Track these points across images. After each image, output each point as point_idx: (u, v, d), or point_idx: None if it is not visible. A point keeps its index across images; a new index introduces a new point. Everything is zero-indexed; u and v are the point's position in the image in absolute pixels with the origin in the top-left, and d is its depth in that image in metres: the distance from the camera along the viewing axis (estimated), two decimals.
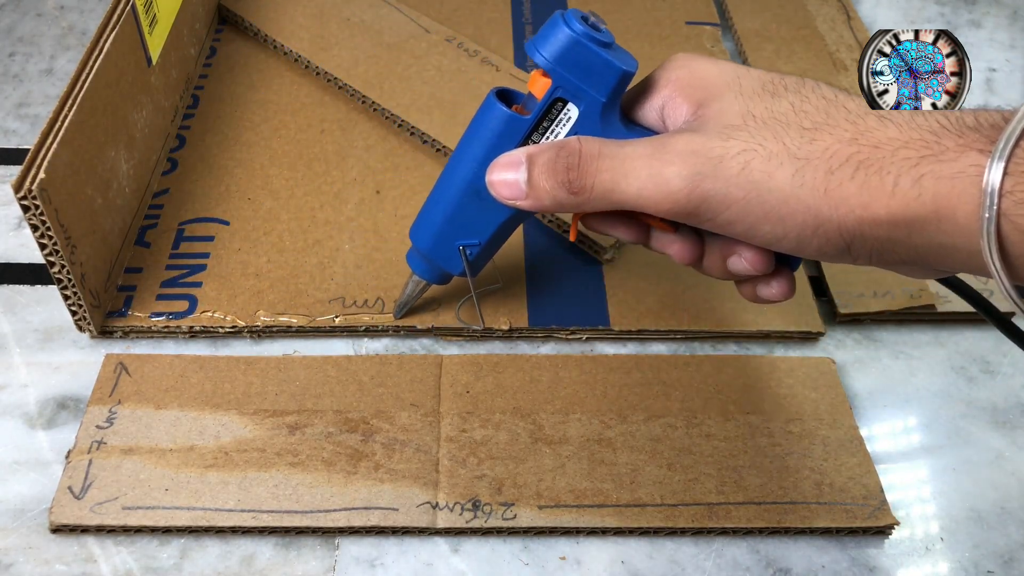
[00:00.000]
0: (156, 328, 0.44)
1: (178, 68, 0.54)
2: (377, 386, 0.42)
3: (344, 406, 0.41)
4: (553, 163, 0.33)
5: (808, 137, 0.29)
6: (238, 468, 0.38)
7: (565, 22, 0.34)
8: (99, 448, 0.39)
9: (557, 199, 0.33)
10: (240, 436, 0.39)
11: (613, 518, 0.37)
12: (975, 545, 0.38)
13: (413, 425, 0.40)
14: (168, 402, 0.41)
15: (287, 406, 0.41)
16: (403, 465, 0.39)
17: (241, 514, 0.37)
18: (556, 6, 0.65)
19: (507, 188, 0.35)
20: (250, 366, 0.42)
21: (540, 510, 0.38)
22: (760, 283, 0.35)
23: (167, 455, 0.39)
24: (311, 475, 0.38)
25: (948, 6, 0.71)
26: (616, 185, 0.32)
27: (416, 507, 0.37)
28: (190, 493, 0.37)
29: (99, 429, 0.39)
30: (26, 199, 0.37)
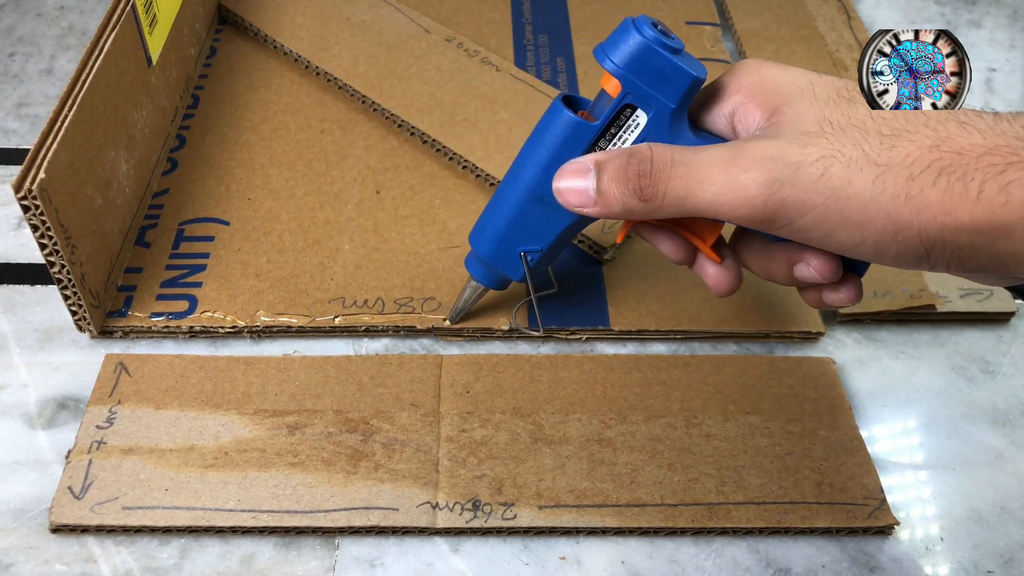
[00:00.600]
0: (156, 328, 0.44)
1: (178, 68, 0.54)
2: (377, 386, 0.42)
3: (344, 406, 0.41)
4: (624, 170, 0.33)
5: (888, 144, 0.29)
6: (238, 468, 0.38)
7: (636, 28, 0.33)
8: (99, 448, 0.39)
9: (627, 206, 0.33)
10: (240, 436, 0.39)
11: (613, 518, 0.37)
12: (975, 545, 0.38)
13: (413, 425, 0.40)
14: (168, 402, 0.41)
15: (287, 406, 0.41)
16: (403, 465, 0.39)
17: (241, 514, 0.37)
18: (556, 6, 0.65)
19: (575, 195, 0.35)
20: (250, 366, 0.42)
21: (540, 510, 0.38)
22: (827, 289, 0.35)
23: (167, 455, 0.39)
24: (311, 475, 0.38)
25: (948, 6, 0.71)
26: (690, 192, 0.32)
27: (416, 507, 0.37)
28: (190, 493, 0.37)
29: (99, 429, 0.39)
30: (26, 199, 0.37)
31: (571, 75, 0.59)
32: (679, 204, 0.32)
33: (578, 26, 0.64)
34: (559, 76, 0.59)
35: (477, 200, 0.51)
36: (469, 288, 0.43)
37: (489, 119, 0.54)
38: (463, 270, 0.47)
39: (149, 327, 0.44)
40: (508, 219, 0.39)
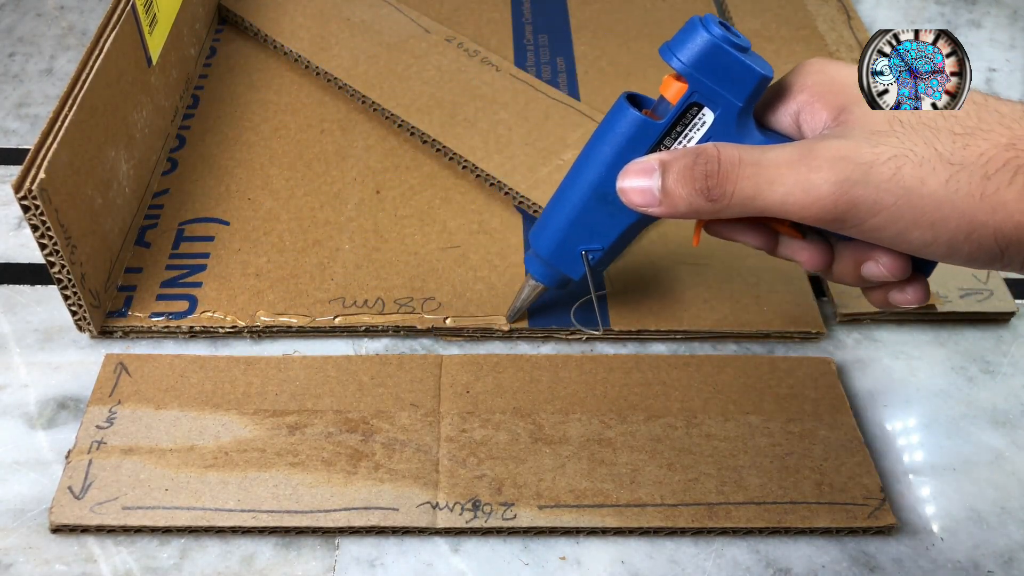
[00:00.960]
0: (156, 328, 0.44)
1: (178, 68, 0.54)
2: (377, 386, 0.42)
3: (344, 406, 0.41)
4: (690, 170, 0.33)
5: (961, 142, 0.29)
6: (238, 468, 0.38)
7: (703, 26, 0.33)
8: (99, 448, 0.39)
9: (693, 206, 0.33)
10: (240, 436, 0.39)
11: (613, 518, 0.37)
12: (975, 545, 0.38)
13: (413, 425, 0.40)
14: (168, 402, 0.41)
15: (287, 406, 0.41)
16: (403, 465, 0.39)
17: (241, 514, 0.37)
18: (556, 6, 0.65)
19: (639, 195, 0.35)
20: (250, 366, 0.42)
21: (540, 510, 0.38)
22: (894, 289, 0.34)
23: (167, 455, 0.39)
24: (311, 475, 0.38)
25: (948, 6, 0.71)
26: (759, 192, 0.31)
27: (416, 507, 0.37)
28: (190, 493, 0.37)
29: (99, 429, 0.39)
30: (26, 199, 0.37)
31: (571, 75, 0.59)
32: (747, 204, 0.32)
33: (578, 26, 0.64)
34: (559, 76, 0.59)
35: (477, 200, 0.51)
36: (528, 287, 0.43)
37: (489, 119, 0.54)
38: (463, 270, 0.47)
39: (149, 327, 0.44)
40: (570, 218, 0.39)
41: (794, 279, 0.47)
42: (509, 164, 0.51)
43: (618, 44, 0.62)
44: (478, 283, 0.46)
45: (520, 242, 0.49)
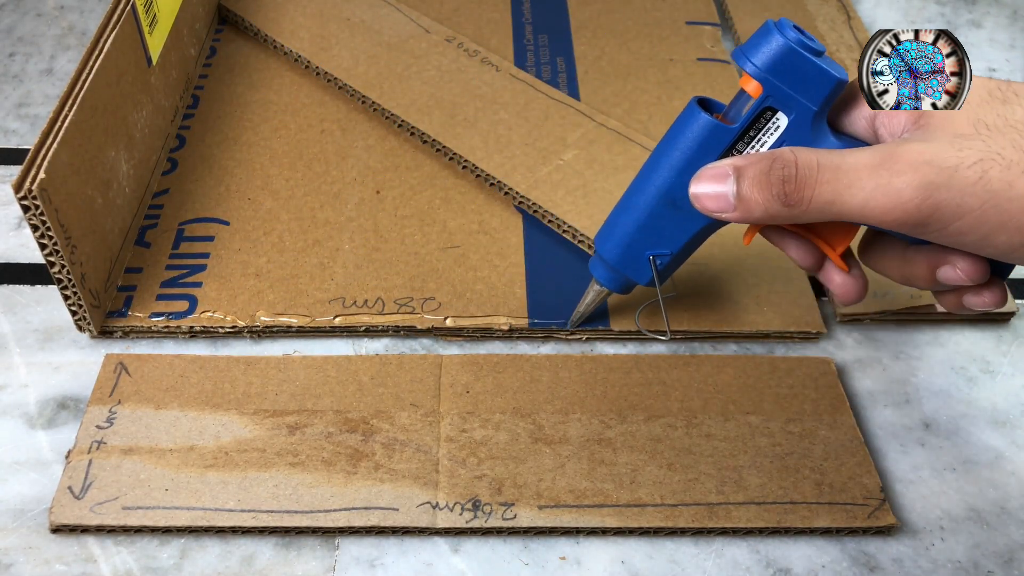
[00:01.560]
0: (156, 328, 0.44)
1: (178, 68, 0.54)
2: (377, 386, 0.42)
3: (344, 406, 0.41)
4: (766, 175, 0.33)
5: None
6: (238, 468, 0.38)
7: (778, 30, 0.33)
8: (99, 448, 0.39)
9: (769, 211, 0.33)
10: (240, 436, 0.40)
11: (613, 518, 0.37)
12: (975, 545, 0.38)
13: (413, 425, 0.40)
14: (168, 402, 0.41)
15: (287, 406, 0.41)
16: (403, 465, 0.39)
17: (241, 514, 0.37)
18: (556, 6, 0.65)
19: (713, 201, 0.34)
20: (250, 366, 0.42)
21: (540, 510, 0.38)
22: (970, 292, 0.34)
23: (167, 455, 0.39)
24: (311, 475, 0.38)
25: (948, 6, 0.71)
26: (838, 196, 0.31)
27: (416, 507, 0.37)
28: (190, 493, 0.38)
29: (99, 429, 0.39)
30: (26, 199, 0.37)
31: (571, 75, 0.59)
32: (825, 209, 0.32)
33: (578, 26, 0.64)
34: (559, 76, 0.59)
35: (477, 200, 0.51)
36: (592, 292, 0.43)
37: (489, 119, 0.54)
38: (463, 270, 0.47)
39: (149, 327, 0.44)
40: (638, 222, 0.38)
41: (794, 279, 0.47)
42: (509, 164, 0.51)
43: (618, 44, 0.62)
44: (478, 283, 0.46)
45: (520, 242, 0.49)
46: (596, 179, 0.50)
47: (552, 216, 0.49)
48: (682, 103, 0.57)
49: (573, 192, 0.50)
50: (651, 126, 0.56)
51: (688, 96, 0.58)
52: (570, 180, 0.50)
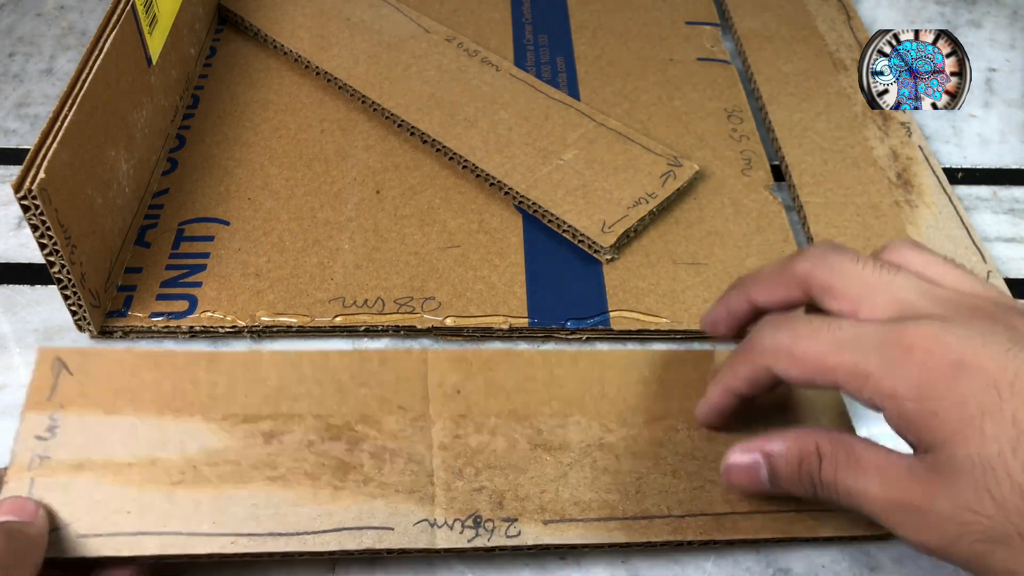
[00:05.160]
0: (156, 328, 0.44)
1: (178, 68, 0.54)
2: (359, 386, 0.38)
3: (324, 410, 0.37)
4: (796, 470, 0.33)
5: None
6: (210, 484, 0.34)
7: None
8: (42, 464, 0.34)
9: (802, 495, 0.34)
10: (209, 446, 0.35)
11: (620, 532, 0.36)
12: None
13: (402, 431, 0.37)
14: (120, 406, 0.36)
15: (260, 410, 0.37)
16: (395, 478, 0.36)
17: (219, 538, 0.33)
18: (556, 6, 0.65)
19: (747, 479, 0.35)
20: (213, 363, 0.38)
21: (545, 525, 0.36)
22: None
23: (125, 470, 0.34)
24: (294, 491, 0.35)
25: (948, 6, 0.71)
26: (863, 498, 0.31)
27: (413, 525, 0.35)
28: (157, 516, 0.33)
29: (40, 440, 0.34)
30: (26, 199, 0.37)
31: (571, 75, 0.59)
32: (851, 501, 0.31)
33: (578, 26, 0.64)
34: (559, 76, 0.59)
35: (477, 200, 0.51)
36: None
37: (489, 119, 0.54)
38: (463, 270, 0.47)
39: (149, 327, 0.44)
40: None
41: None
42: (509, 164, 0.51)
43: (618, 44, 0.62)
44: (478, 283, 0.46)
45: (520, 242, 0.49)
46: (596, 179, 0.51)
47: (552, 216, 0.49)
48: (682, 103, 0.57)
49: (573, 192, 0.50)
50: (651, 126, 0.56)
51: (688, 96, 0.58)
52: (570, 180, 0.50)
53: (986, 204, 0.54)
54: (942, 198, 0.51)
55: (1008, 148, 0.58)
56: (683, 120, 0.56)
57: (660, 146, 0.53)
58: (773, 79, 0.59)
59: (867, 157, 0.54)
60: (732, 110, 0.57)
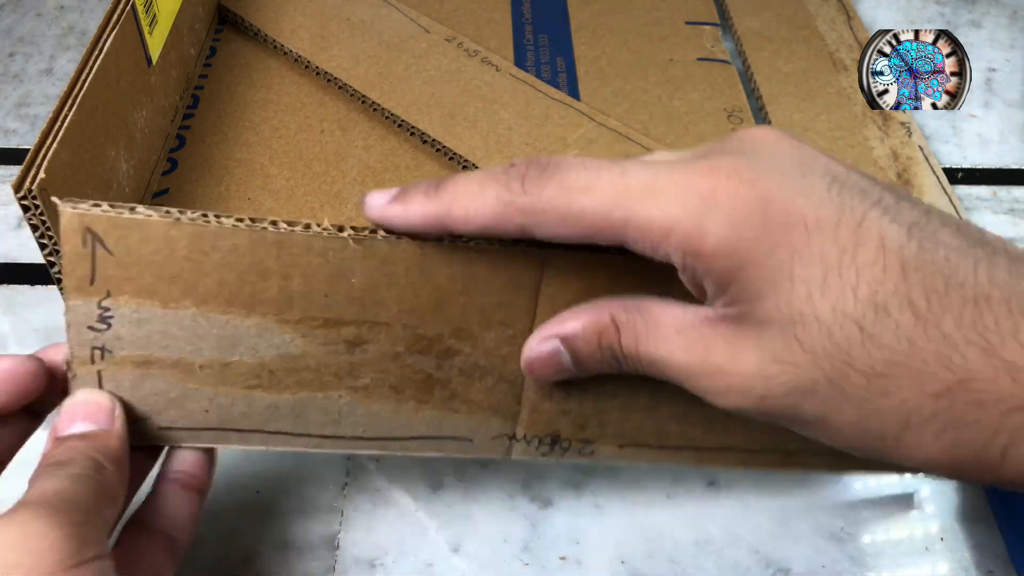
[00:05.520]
0: None
1: (178, 68, 0.54)
2: (459, 294, 0.32)
3: (416, 319, 0.32)
4: (597, 348, 0.30)
5: (879, 387, 0.23)
6: (288, 390, 0.31)
7: None
8: (104, 358, 0.30)
9: (607, 370, 0.30)
10: (286, 352, 0.31)
11: (691, 460, 0.34)
12: (975, 545, 0.38)
13: (499, 349, 0.33)
14: (178, 297, 0.30)
15: (342, 313, 0.31)
16: (483, 396, 0.33)
17: (300, 438, 0.32)
18: (556, 6, 0.65)
19: (549, 369, 0.31)
20: (283, 250, 0.30)
21: (620, 448, 0.34)
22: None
23: (196, 372, 0.31)
24: (376, 403, 0.32)
25: (948, 6, 0.71)
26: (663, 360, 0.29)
27: (491, 439, 0.33)
28: (237, 416, 0.31)
29: (94, 332, 0.30)
30: (26, 199, 0.37)
31: (571, 75, 0.59)
32: (655, 370, 0.29)
33: (578, 26, 0.64)
34: (559, 76, 0.59)
35: None
36: None
37: (489, 119, 0.54)
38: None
39: None
40: None
41: None
42: (508, 163, 0.51)
43: (618, 44, 0.62)
44: None
45: None
46: None
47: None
48: (682, 103, 0.57)
49: None
50: (651, 126, 0.56)
51: (688, 96, 0.58)
52: None
53: (986, 204, 0.54)
54: (942, 198, 0.52)
55: (1008, 148, 0.58)
56: (683, 120, 0.56)
57: (660, 146, 0.53)
58: (773, 79, 0.59)
59: (867, 157, 0.54)
60: (732, 110, 0.57)
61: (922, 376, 0.23)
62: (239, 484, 0.39)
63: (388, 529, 0.38)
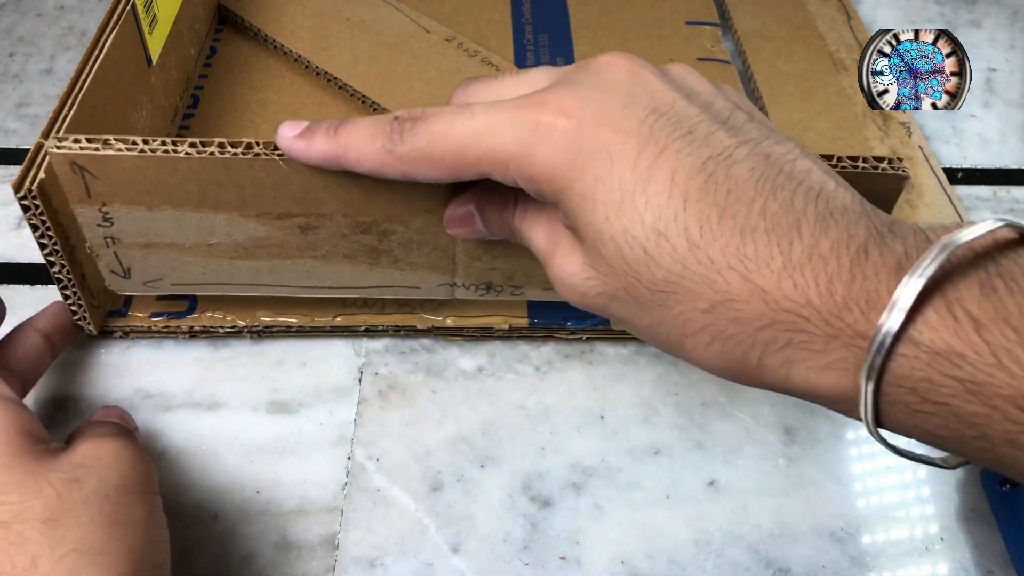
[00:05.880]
0: (156, 328, 0.44)
1: (178, 68, 0.54)
2: (384, 190, 0.37)
3: (353, 210, 0.38)
4: (499, 219, 0.35)
5: (659, 300, 0.27)
6: (263, 260, 0.39)
7: None
8: (115, 243, 0.38)
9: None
10: (253, 235, 0.38)
11: None
12: (975, 545, 0.38)
13: (428, 228, 0.39)
14: (158, 203, 0.37)
15: (290, 209, 0.37)
16: (421, 259, 0.40)
17: (283, 289, 0.40)
18: (556, 6, 0.65)
19: (463, 227, 0.37)
20: (230, 168, 0.36)
21: (545, 291, 0.41)
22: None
23: (188, 250, 0.38)
24: (336, 266, 0.40)
25: (948, 6, 0.71)
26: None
27: (436, 287, 0.41)
28: (228, 276, 0.39)
29: (101, 227, 0.37)
30: (26, 199, 0.37)
31: None
32: (530, 247, 0.33)
33: (578, 26, 0.64)
34: None
35: None
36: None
37: None
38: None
39: (149, 327, 0.44)
40: None
41: None
42: None
43: (618, 44, 0.62)
44: None
45: None
46: None
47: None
48: None
49: None
50: None
51: None
52: None
53: (986, 204, 0.54)
54: (942, 198, 0.52)
55: (1008, 148, 0.58)
56: None
57: None
58: (773, 79, 0.59)
59: None
60: None
61: (693, 294, 0.26)
62: (239, 484, 0.39)
63: (388, 529, 0.38)
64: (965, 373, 0.23)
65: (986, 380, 0.23)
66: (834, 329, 0.25)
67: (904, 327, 0.23)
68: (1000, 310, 0.23)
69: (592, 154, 0.28)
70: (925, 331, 0.23)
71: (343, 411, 0.42)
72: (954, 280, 0.24)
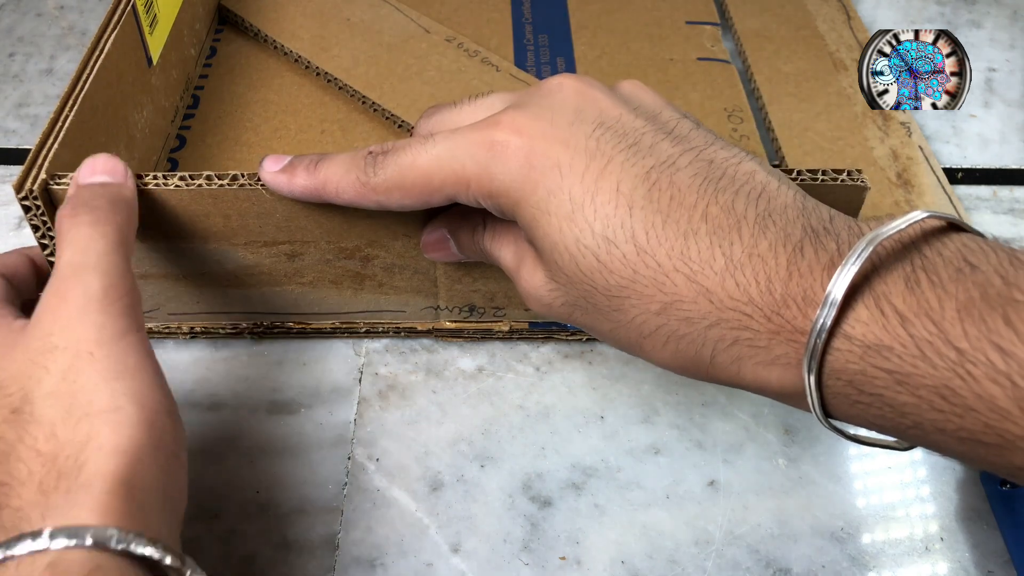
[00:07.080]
0: (156, 328, 0.44)
1: (178, 68, 0.54)
2: (364, 217, 0.39)
3: (335, 236, 0.39)
4: (471, 242, 0.37)
5: (616, 306, 0.29)
6: (253, 287, 0.41)
7: None
8: None
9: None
10: (242, 263, 0.40)
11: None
12: (975, 545, 0.39)
13: (408, 252, 0.40)
14: (151, 234, 0.39)
15: (276, 237, 0.39)
16: (404, 283, 0.41)
17: (270, 316, 0.42)
18: (556, 6, 0.65)
19: (438, 251, 0.38)
20: (217, 200, 0.38)
21: (526, 311, 0.43)
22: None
23: (181, 279, 0.40)
24: (322, 292, 0.42)
25: (948, 6, 0.71)
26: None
27: (421, 310, 0.43)
28: (221, 304, 0.41)
29: None
30: (27, 199, 0.37)
31: None
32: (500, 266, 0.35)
33: (578, 26, 0.64)
34: None
35: None
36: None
37: None
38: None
39: (149, 328, 0.44)
40: None
41: None
42: None
43: (618, 44, 0.62)
44: None
45: None
46: None
47: None
48: (682, 103, 0.57)
49: None
50: None
51: (688, 96, 0.58)
52: None
53: (986, 204, 0.54)
54: (942, 198, 0.52)
55: (1008, 148, 0.58)
56: None
57: None
58: (773, 79, 0.59)
59: (867, 157, 0.54)
60: (732, 110, 0.57)
61: (645, 297, 0.28)
62: (239, 484, 0.39)
63: (388, 529, 0.38)
64: (894, 365, 0.24)
65: (912, 372, 0.24)
66: (775, 326, 0.26)
67: (837, 322, 0.25)
68: (923, 304, 0.24)
69: (544, 169, 0.29)
70: (857, 326, 0.24)
71: (343, 411, 0.42)
72: (882, 274, 0.25)
